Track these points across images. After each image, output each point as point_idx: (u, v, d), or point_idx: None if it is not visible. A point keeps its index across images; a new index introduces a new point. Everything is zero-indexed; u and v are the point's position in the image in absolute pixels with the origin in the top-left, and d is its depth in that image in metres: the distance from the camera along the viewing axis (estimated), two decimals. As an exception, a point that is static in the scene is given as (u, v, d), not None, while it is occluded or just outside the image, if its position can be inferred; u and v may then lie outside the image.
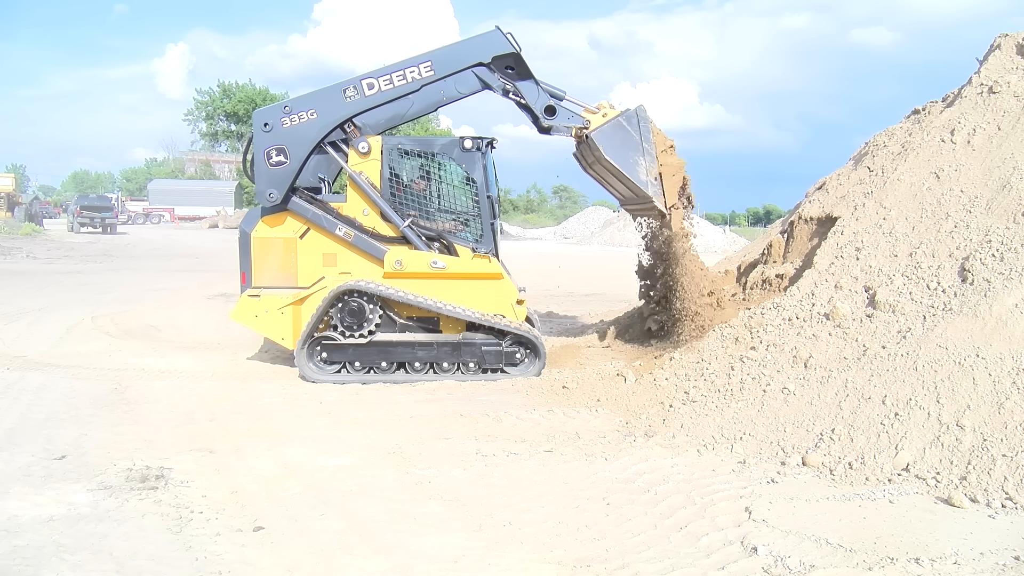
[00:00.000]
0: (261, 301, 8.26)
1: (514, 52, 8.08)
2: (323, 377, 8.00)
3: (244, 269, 8.39)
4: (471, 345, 8.11)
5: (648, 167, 8.14)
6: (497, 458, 5.53)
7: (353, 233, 8.21)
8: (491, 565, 3.89)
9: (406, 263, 8.16)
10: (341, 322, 8.03)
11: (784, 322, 6.89)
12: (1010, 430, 4.83)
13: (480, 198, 8.41)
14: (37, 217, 43.02)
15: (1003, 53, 8.38)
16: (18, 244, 27.63)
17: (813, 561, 3.85)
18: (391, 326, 8.26)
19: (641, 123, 8.22)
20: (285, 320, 8.22)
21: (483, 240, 8.39)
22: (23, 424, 6.29)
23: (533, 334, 8.23)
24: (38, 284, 16.85)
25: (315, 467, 5.35)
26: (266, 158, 8.06)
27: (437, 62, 8.06)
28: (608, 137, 8.14)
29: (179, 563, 3.86)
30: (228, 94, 62.00)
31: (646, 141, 8.18)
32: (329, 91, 8.20)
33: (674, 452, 5.58)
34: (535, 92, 8.26)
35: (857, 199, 8.01)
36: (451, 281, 8.23)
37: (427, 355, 8.09)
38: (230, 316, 8.59)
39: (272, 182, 8.09)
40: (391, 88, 8.05)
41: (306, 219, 8.26)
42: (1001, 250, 6.24)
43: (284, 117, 8.06)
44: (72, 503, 4.60)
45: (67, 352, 9.38)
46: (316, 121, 8.07)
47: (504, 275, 8.45)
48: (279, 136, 8.05)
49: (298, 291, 8.28)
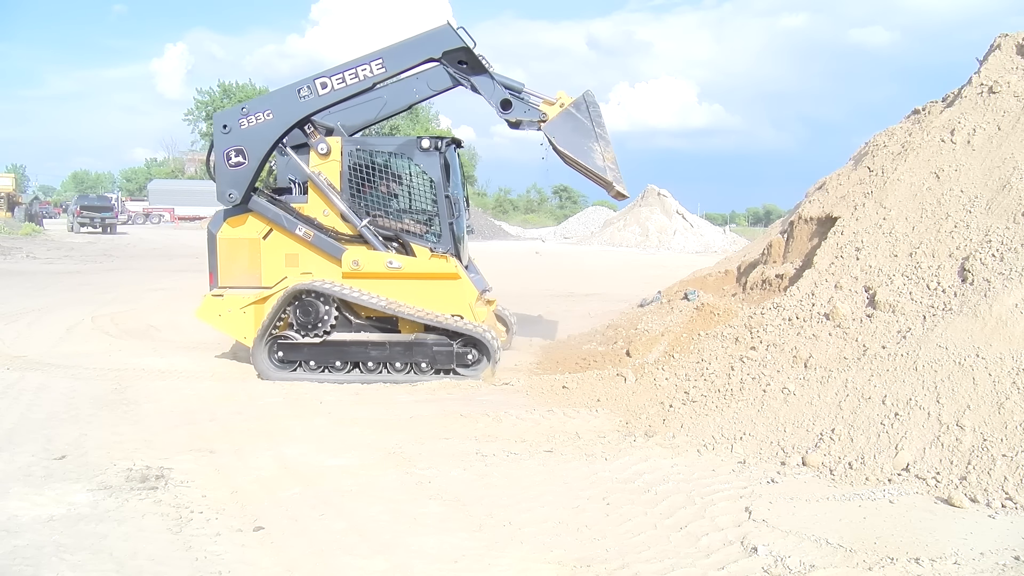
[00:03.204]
0: (224, 300, 8.39)
1: (464, 47, 8.01)
2: (280, 375, 8.07)
3: (212, 269, 8.55)
4: (423, 345, 8.07)
5: (603, 151, 8.01)
6: (497, 458, 5.52)
7: (313, 233, 8.27)
8: (491, 565, 3.89)
9: (363, 263, 8.19)
10: (297, 322, 8.10)
11: (784, 322, 6.89)
12: (1010, 430, 4.83)
13: (438, 198, 8.40)
14: (37, 217, 42.93)
15: (1003, 53, 8.38)
16: (18, 244, 27.61)
17: (813, 561, 3.85)
18: (349, 326, 8.31)
19: (591, 108, 8.11)
20: (247, 319, 8.32)
21: (442, 240, 8.39)
22: (23, 424, 6.29)
23: (484, 336, 8.07)
24: (38, 284, 16.85)
25: (315, 467, 5.35)
26: (225, 159, 8.19)
27: (388, 59, 8.05)
28: (559, 127, 8.06)
29: (179, 563, 3.86)
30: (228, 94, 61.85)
31: (598, 126, 8.07)
32: (284, 91, 8.31)
33: (674, 452, 5.58)
34: (490, 86, 8.19)
35: (857, 199, 8.01)
36: (408, 281, 8.25)
37: (380, 355, 8.10)
38: (194, 315, 8.70)
39: (232, 183, 8.22)
40: (344, 87, 8.06)
41: (267, 219, 8.37)
42: (1001, 250, 6.24)
43: (242, 119, 8.16)
44: (72, 503, 4.60)
45: (67, 352, 9.38)
46: (273, 122, 8.16)
47: (462, 275, 8.42)
48: (237, 137, 8.17)
49: (261, 291, 8.39)
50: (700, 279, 12.28)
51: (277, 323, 8.16)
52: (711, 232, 44.27)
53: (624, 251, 37.11)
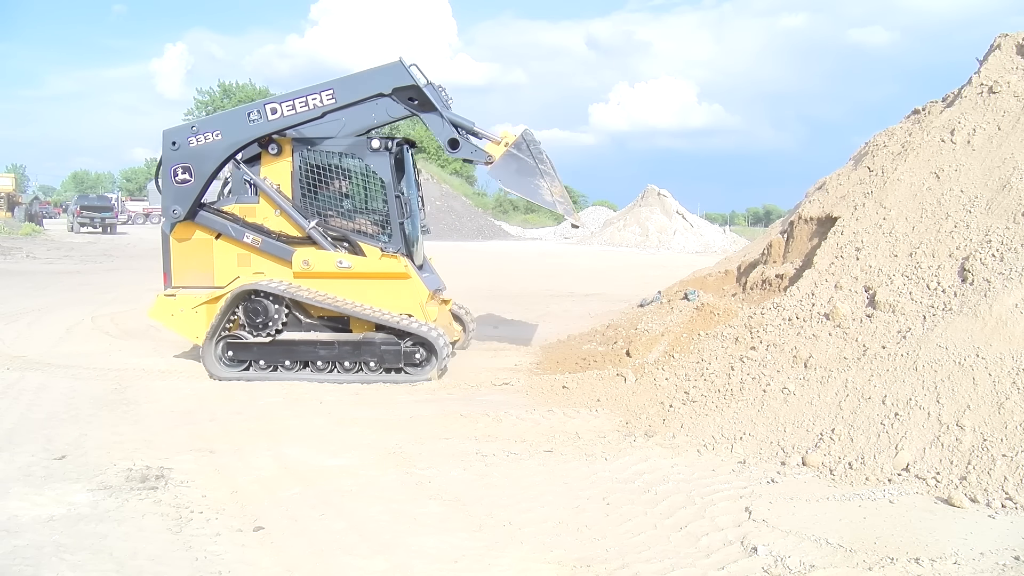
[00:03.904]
0: (176, 300, 8.44)
1: (414, 85, 8.10)
2: (229, 374, 8.07)
3: (165, 269, 8.60)
4: (371, 344, 8.06)
5: (549, 187, 8.16)
6: (497, 458, 5.52)
7: (260, 239, 8.33)
8: (491, 565, 3.89)
9: (313, 263, 8.22)
10: (248, 321, 8.13)
11: (784, 322, 6.89)
12: (1010, 430, 4.83)
13: (389, 198, 8.40)
14: (37, 217, 42.91)
15: (1003, 53, 8.38)
16: (18, 244, 27.61)
17: (813, 561, 3.85)
18: (300, 325, 8.33)
19: (531, 146, 8.28)
20: (199, 319, 8.36)
21: (393, 240, 8.39)
22: (23, 424, 6.29)
23: (430, 334, 8.03)
24: (38, 284, 16.85)
25: (315, 467, 5.35)
26: (172, 176, 8.29)
27: (339, 91, 8.12)
28: (503, 170, 8.19)
29: (179, 563, 3.86)
30: (228, 94, 61.90)
31: (541, 163, 8.22)
32: (234, 113, 8.46)
33: (674, 452, 5.58)
34: (439, 125, 8.26)
35: (857, 199, 8.01)
36: (359, 281, 8.27)
37: (329, 354, 8.10)
38: (147, 315, 8.73)
39: (177, 199, 8.31)
40: (293, 114, 8.15)
41: (214, 230, 8.45)
42: (1001, 250, 6.24)
43: (191, 137, 8.25)
44: (72, 503, 4.60)
45: (67, 352, 9.38)
46: (220, 142, 8.24)
47: (412, 275, 8.42)
48: (185, 155, 8.26)
49: (213, 291, 8.41)
50: (700, 279, 12.28)
51: (227, 324, 8.19)
52: (711, 232, 44.29)
53: (624, 251, 37.11)
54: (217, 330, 8.10)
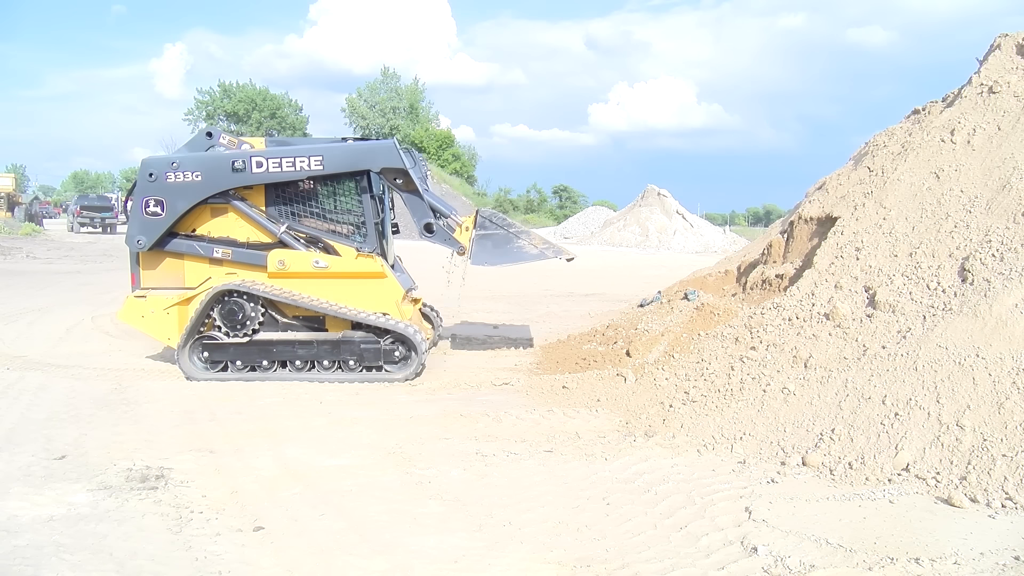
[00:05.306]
0: (147, 302, 8.36)
1: (403, 168, 8.17)
2: (206, 375, 8.05)
3: (133, 271, 8.52)
4: (350, 343, 8.08)
5: (529, 242, 8.28)
6: (497, 458, 5.52)
7: (230, 251, 8.29)
8: (491, 565, 3.89)
9: (289, 263, 8.20)
10: (224, 322, 8.10)
11: (784, 322, 6.89)
12: (1010, 430, 4.83)
13: (363, 198, 8.41)
14: (37, 217, 42.93)
15: (1003, 53, 8.38)
16: (18, 244, 27.61)
17: (813, 561, 3.85)
18: (276, 325, 8.32)
19: (492, 219, 8.48)
20: (171, 320, 8.30)
21: (368, 239, 8.39)
22: (23, 424, 6.29)
23: (408, 331, 8.06)
24: (38, 284, 16.86)
25: (315, 467, 5.36)
26: (143, 206, 8.16)
27: (328, 159, 8.13)
28: (481, 254, 8.32)
29: (179, 563, 3.86)
30: (228, 94, 61.90)
31: (509, 227, 8.40)
32: (219, 158, 8.30)
33: (674, 452, 5.58)
34: (420, 208, 8.36)
35: (857, 199, 8.01)
36: (335, 280, 8.27)
37: (307, 353, 8.11)
38: (117, 317, 8.66)
39: (143, 230, 8.21)
40: (278, 172, 8.11)
41: (181, 253, 8.35)
42: (1001, 250, 6.24)
43: (170, 172, 8.11)
44: (72, 503, 4.60)
45: (67, 352, 9.39)
46: (199, 184, 8.14)
47: (388, 274, 8.44)
48: (160, 189, 8.13)
49: (184, 291, 8.35)
50: (700, 279, 12.27)
51: (202, 326, 8.16)
52: (711, 232, 44.23)
53: (624, 251, 37.09)
54: (193, 331, 8.06)
